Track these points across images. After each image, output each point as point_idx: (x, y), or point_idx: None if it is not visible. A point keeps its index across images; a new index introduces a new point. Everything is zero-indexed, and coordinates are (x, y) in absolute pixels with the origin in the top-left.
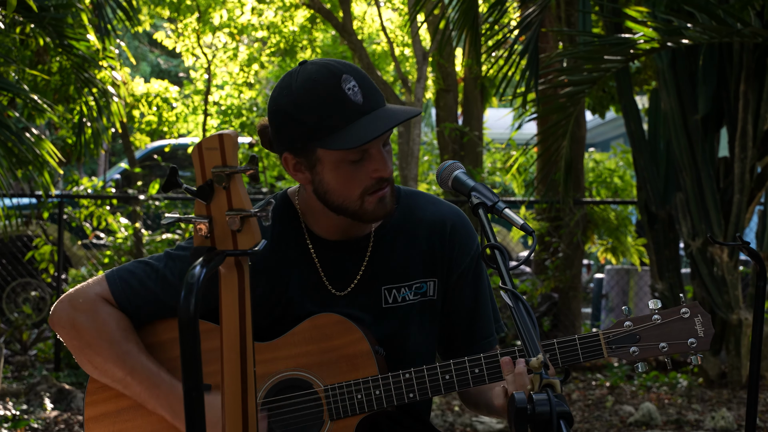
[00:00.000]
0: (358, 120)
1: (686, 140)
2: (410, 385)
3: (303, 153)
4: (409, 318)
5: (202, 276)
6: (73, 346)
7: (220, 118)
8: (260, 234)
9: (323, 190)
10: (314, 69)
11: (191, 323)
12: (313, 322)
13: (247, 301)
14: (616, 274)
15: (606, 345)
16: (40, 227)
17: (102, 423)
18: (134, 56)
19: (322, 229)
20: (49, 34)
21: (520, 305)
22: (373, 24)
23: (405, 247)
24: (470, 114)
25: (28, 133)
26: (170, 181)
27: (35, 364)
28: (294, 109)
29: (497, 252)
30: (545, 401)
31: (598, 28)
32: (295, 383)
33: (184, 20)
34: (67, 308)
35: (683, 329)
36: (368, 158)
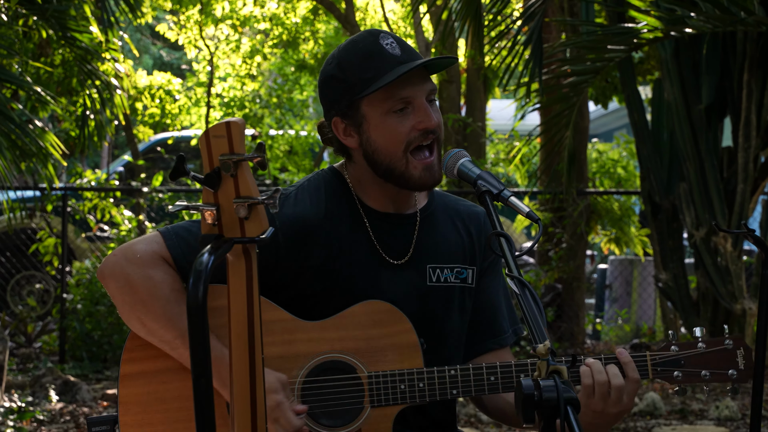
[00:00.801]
0: (396, 67)
1: (690, 130)
2: (455, 382)
3: (349, 113)
4: (451, 300)
5: (210, 263)
6: (123, 302)
7: (223, 110)
8: (267, 221)
9: (371, 150)
10: (356, 35)
11: (199, 310)
12: (364, 308)
13: (255, 288)
14: (619, 264)
15: (652, 367)
16: (44, 220)
17: (137, 381)
18: (137, 48)
19: (372, 200)
20: (52, 27)
21: (527, 292)
22: (375, 15)
23: (446, 232)
24: (473, 105)
25: (32, 125)
26: (178, 169)
27: (40, 356)
28: (337, 70)
29: (503, 240)
30: (552, 387)
31: (601, 18)
32: (338, 365)
33: (186, 12)
34: (122, 262)
35: (725, 360)
36: (412, 110)
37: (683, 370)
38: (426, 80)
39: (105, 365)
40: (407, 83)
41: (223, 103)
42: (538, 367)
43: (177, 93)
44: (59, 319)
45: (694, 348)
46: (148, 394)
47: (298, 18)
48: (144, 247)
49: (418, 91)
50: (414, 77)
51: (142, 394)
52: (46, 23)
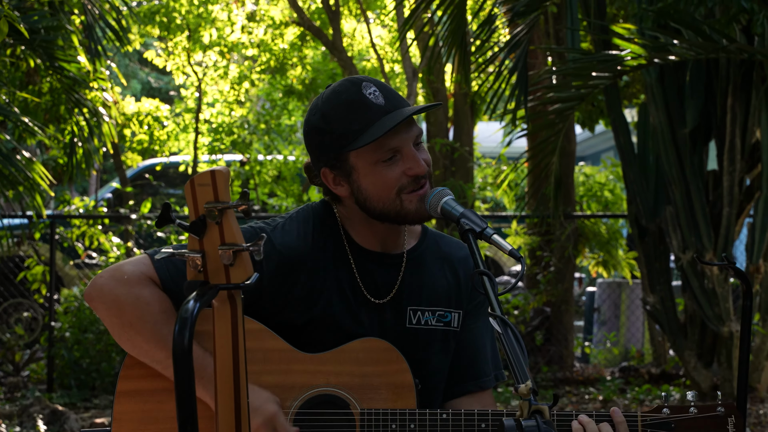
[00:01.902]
0: (381, 118)
1: (675, 154)
2: (445, 426)
3: (338, 164)
4: (431, 343)
5: (196, 311)
6: (112, 324)
7: (212, 136)
8: (252, 268)
9: (363, 198)
10: (337, 84)
11: (186, 356)
12: (363, 344)
13: (241, 333)
14: (607, 287)
15: (642, 427)
16: (32, 247)
17: (133, 399)
18: (125, 74)
19: (360, 238)
20: (40, 56)
21: (509, 332)
22: (362, 41)
23: (433, 275)
24: (460, 129)
25: (19, 155)
26: (163, 217)
27: (28, 385)
28: (322, 122)
29: (486, 278)
30: (534, 427)
31: (587, 43)
32: (332, 399)
33: (174, 39)
34: (110, 283)
35: (716, 426)
36: (401, 158)
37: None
38: (412, 126)
39: (93, 393)
40: (394, 133)
41: (212, 128)
42: (520, 407)
43: (165, 119)
44: (47, 347)
45: (685, 412)
46: (142, 412)
47: (285, 44)
48: (132, 268)
49: (405, 140)
50: (400, 126)
51: (137, 412)
52: (34, 53)
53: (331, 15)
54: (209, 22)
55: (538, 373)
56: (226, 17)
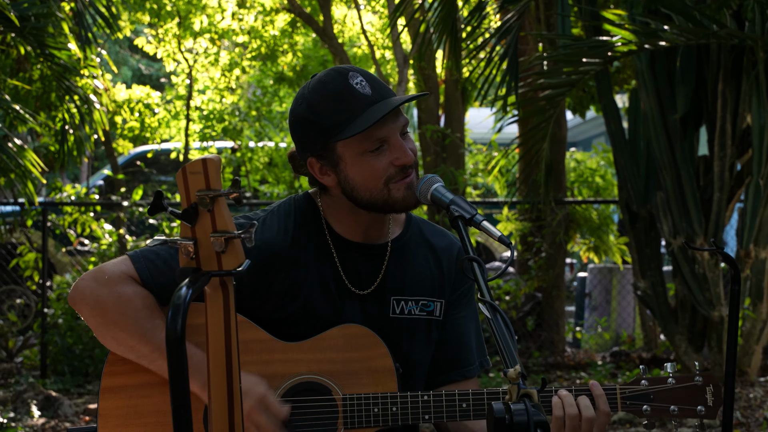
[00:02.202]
0: (368, 108)
1: (666, 139)
2: (427, 408)
3: (325, 154)
4: (414, 332)
5: (188, 297)
6: (96, 323)
7: (203, 123)
8: (244, 255)
9: (350, 188)
10: (323, 74)
11: (178, 342)
12: (341, 331)
13: (233, 319)
14: (599, 272)
15: (621, 399)
16: (24, 235)
17: (118, 395)
18: (115, 61)
19: (344, 229)
20: (30, 44)
21: (498, 317)
22: (353, 27)
23: (417, 264)
24: (451, 116)
25: (11, 143)
26: (156, 205)
27: (21, 371)
28: (309, 113)
29: (476, 264)
30: (523, 411)
31: (578, 29)
32: (314, 387)
33: (164, 26)
34: (91, 285)
35: (694, 396)
36: (388, 148)
37: (652, 404)
38: (399, 117)
39: (87, 379)
40: (381, 124)
41: (203, 116)
42: (509, 391)
43: (156, 106)
44: (40, 334)
45: (664, 383)
46: (127, 407)
47: (276, 31)
48: (112, 268)
49: (392, 130)
50: (387, 116)
51: (122, 408)
52: (24, 40)
53: (321, 1)
54: (200, 9)
55: (529, 358)
56: (216, 4)
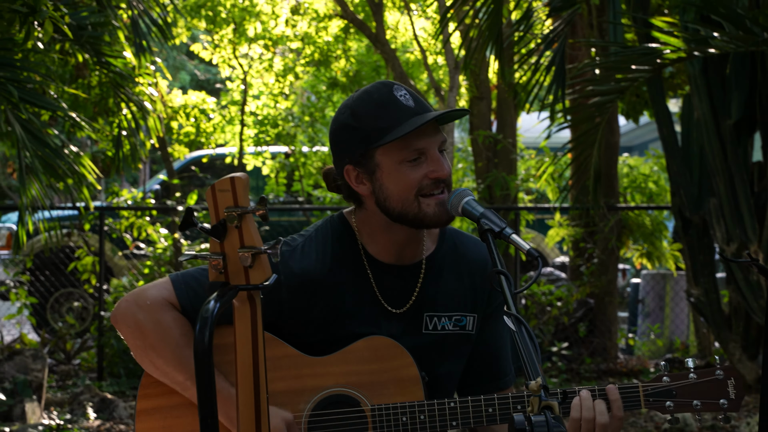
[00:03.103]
0: (410, 118)
1: (719, 145)
2: (454, 414)
3: (363, 161)
4: (446, 347)
5: (216, 310)
6: (135, 346)
7: (257, 128)
8: (270, 269)
9: (384, 197)
10: (368, 86)
11: (206, 354)
12: (367, 343)
13: (260, 332)
14: (651, 279)
15: (644, 397)
16: (82, 238)
17: (153, 416)
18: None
19: (377, 251)
20: (87, 52)
21: (522, 330)
22: (406, 33)
23: (451, 280)
24: (504, 121)
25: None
26: (186, 221)
27: (79, 373)
28: (351, 119)
29: (503, 278)
30: (543, 423)
31: (631, 33)
32: (343, 399)
33: (220, 32)
34: (132, 308)
35: (716, 390)
36: (425, 160)
37: (675, 400)
38: (438, 132)
39: None
40: (422, 135)
41: (257, 121)
42: (530, 403)
43: (211, 111)
44: (97, 337)
45: (685, 379)
46: (163, 428)
47: (329, 37)
48: (154, 293)
49: (431, 143)
50: (428, 129)
51: (158, 428)
52: (82, 48)
53: (374, 7)
54: (254, 16)
55: (581, 364)
56: (270, 10)
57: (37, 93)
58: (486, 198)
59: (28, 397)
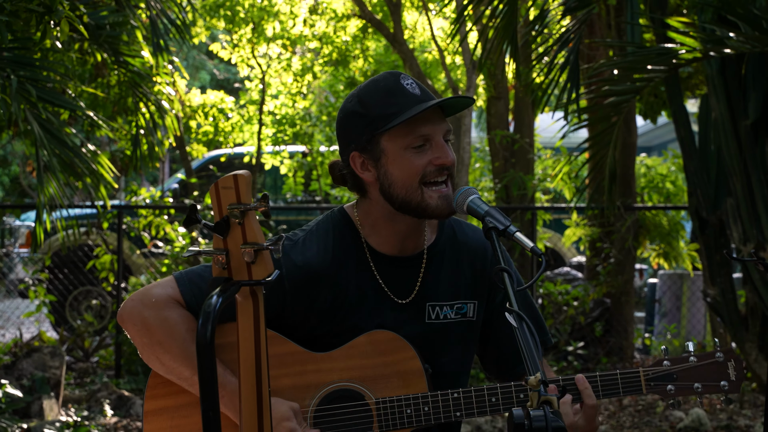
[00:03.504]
0: (416, 105)
1: (736, 145)
2: (458, 405)
3: (368, 147)
4: (449, 335)
5: (218, 305)
6: (141, 343)
7: (275, 127)
8: (273, 265)
9: (388, 184)
10: (376, 75)
11: (208, 348)
12: (369, 338)
13: (262, 326)
14: (668, 279)
15: (645, 381)
16: (101, 237)
17: (161, 416)
18: (193, 65)
19: (379, 242)
20: (106, 51)
21: (524, 326)
22: (424, 33)
23: (452, 269)
24: (521, 121)
25: (85, 148)
26: (190, 218)
27: (96, 371)
28: (358, 106)
29: (506, 275)
30: (542, 417)
31: (650, 33)
32: (347, 393)
33: (238, 31)
34: (138, 306)
35: (717, 372)
36: (429, 147)
37: (676, 384)
38: (443, 121)
39: None
40: (427, 122)
41: (275, 120)
42: (530, 398)
43: (230, 111)
44: (115, 334)
45: (685, 362)
46: (171, 428)
47: (347, 36)
48: (159, 291)
49: (436, 130)
50: (433, 117)
51: (166, 428)
52: (100, 48)
53: (392, 7)
54: (272, 15)
55: (597, 363)
56: (288, 10)
57: (56, 92)
58: (503, 198)
59: (46, 393)
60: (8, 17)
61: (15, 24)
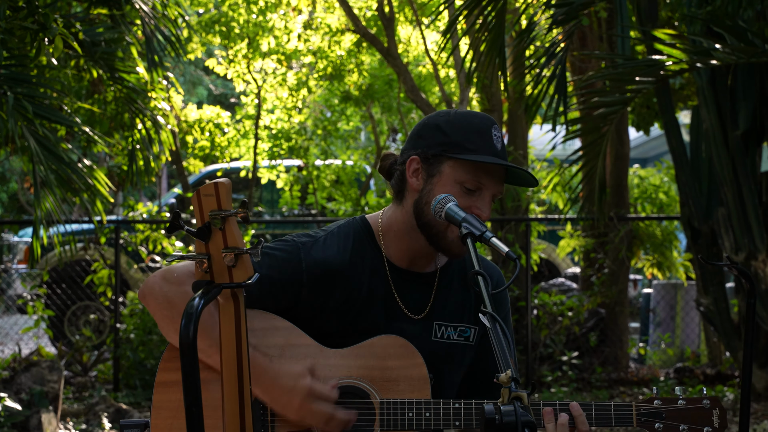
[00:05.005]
0: (492, 155)
1: (727, 156)
2: (458, 415)
3: (431, 161)
4: (451, 356)
5: (201, 306)
6: (163, 316)
7: (271, 141)
8: (252, 269)
9: (425, 201)
10: (478, 112)
11: (191, 348)
12: (381, 341)
13: (243, 327)
14: (662, 288)
15: (636, 416)
16: (98, 252)
17: (171, 389)
18: (190, 81)
19: (393, 253)
20: (101, 67)
21: (497, 326)
22: (417, 47)
23: (458, 291)
24: (515, 133)
25: (81, 163)
26: (173, 225)
27: (95, 385)
28: (446, 125)
29: (481, 278)
30: (512, 412)
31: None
32: (354, 390)
33: (234, 47)
34: (160, 282)
35: (702, 417)
36: (478, 195)
37: (664, 422)
38: (501, 183)
39: None
40: (490, 174)
41: (271, 135)
42: (501, 394)
43: (226, 126)
44: (113, 349)
45: (674, 404)
46: (179, 401)
47: (342, 51)
48: (181, 269)
49: (492, 185)
50: (496, 174)
51: (174, 401)
52: (96, 64)
53: (385, 22)
54: (267, 31)
55: (592, 373)
56: (283, 26)
57: (52, 108)
58: (497, 209)
59: (44, 407)
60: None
61: (10, 41)
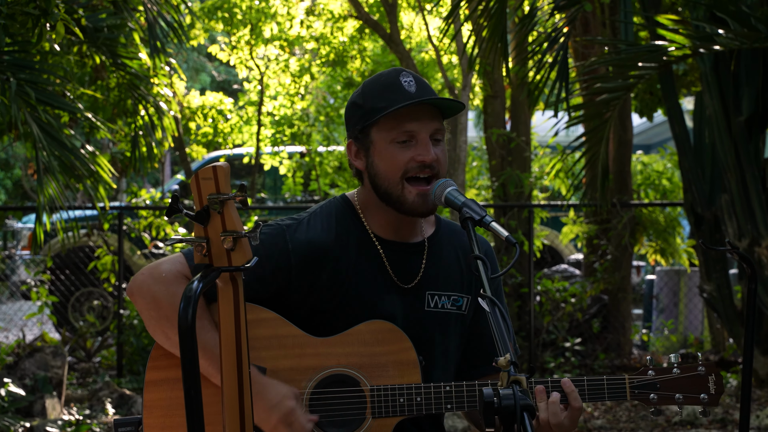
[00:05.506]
0: (405, 102)
1: (730, 142)
2: (449, 398)
3: (361, 137)
4: (445, 325)
5: (199, 289)
6: (150, 317)
7: (274, 128)
8: (251, 252)
9: (374, 174)
10: (382, 71)
11: (190, 330)
12: (368, 327)
13: (242, 310)
14: (665, 275)
15: (630, 389)
16: (101, 238)
17: (161, 387)
18: (193, 68)
19: (378, 227)
20: (104, 53)
21: (496, 310)
22: (420, 33)
23: (449, 260)
24: (518, 119)
25: (84, 149)
26: (172, 208)
27: (98, 370)
28: (359, 98)
29: (480, 262)
30: (510, 396)
31: (646, 32)
32: (343, 379)
33: (237, 33)
34: (148, 281)
35: (698, 385)
36: (414, 143)
37: (658, 393)
38: (434, 119)
39: None
40: (414, 119)
41: (274, 121)
42: (500, 377)
43: (229, 112)
44: (117, 335)
45: (669, 373)
46: (170, 399)
47: (345, 37)
48: (168, 267)
49: (422, 127)
50: (422, 115)
51: (165, 399)
52: (98, 51)
53: (388, 8)
54: (270, 17)
55: (595, 360)
56: (285, 12)
57: (55, 94)
58: (500, 196)
59: (48, 393)
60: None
61: (12, 27)
